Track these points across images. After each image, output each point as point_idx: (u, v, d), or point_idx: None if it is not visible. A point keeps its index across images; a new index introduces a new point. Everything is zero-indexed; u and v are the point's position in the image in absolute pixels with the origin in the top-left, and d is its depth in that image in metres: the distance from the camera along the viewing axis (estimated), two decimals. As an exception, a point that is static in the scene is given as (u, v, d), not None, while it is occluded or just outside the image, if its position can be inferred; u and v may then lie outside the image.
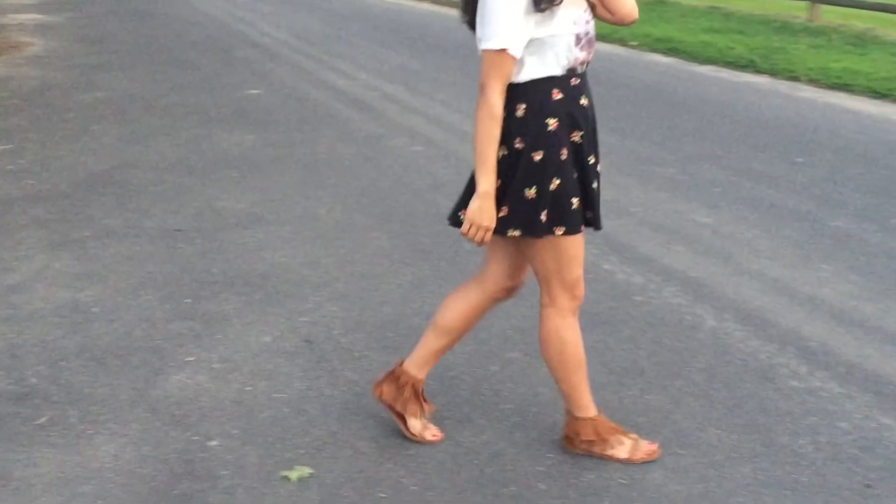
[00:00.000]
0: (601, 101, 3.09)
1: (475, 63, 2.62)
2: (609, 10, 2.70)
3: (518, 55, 2.51)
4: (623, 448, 2.86)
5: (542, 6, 2.47)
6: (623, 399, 3.23)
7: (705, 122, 7.38)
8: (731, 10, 13.38)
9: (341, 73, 9.73)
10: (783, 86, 8.80)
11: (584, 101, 2.65)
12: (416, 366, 2.97)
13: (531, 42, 2.52)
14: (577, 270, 2.75)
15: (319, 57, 10.77)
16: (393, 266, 4.46)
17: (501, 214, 2.62)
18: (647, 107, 7.98)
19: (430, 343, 2.95)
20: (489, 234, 2.60)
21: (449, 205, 2.85)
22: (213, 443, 2.96)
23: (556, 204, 2.61)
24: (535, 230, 2.62)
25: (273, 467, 2.82)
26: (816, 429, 3.03)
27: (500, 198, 2.61)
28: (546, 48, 2.54)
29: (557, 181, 2.60)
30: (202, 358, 3.53)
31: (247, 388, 3.30)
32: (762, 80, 9.09)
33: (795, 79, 8.93)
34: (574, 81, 2.62)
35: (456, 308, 2.92)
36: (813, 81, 8.76)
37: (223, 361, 3.50)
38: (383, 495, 2.69)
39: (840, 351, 3.55)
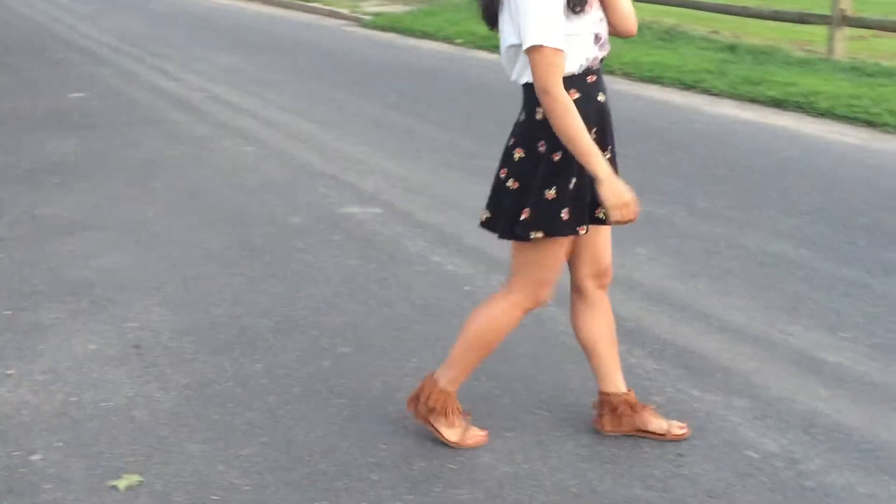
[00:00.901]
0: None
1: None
2: (612, 23, 2.72)
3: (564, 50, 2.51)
4: (453, 431, 2.92)
5: (577, 8, 2.53)
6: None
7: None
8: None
9: (166, 75, 9.51)
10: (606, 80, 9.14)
11: (600, 98, 2.69)
12: None
13: None
14: (556, 271, 2.80)
15: (143, 58, 10.50)
16: (224, 267, 4.42)
17: (524, 217, 2.64)
18: (477, 103, 8.16)
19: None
20: (634, 205, 2.60)
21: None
22: (36, 457, 2.88)
23: (576, 203, 2.65)
24: (556, 230, 2.65)
25: (100, 477, 2.77)
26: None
27: (522, 201, 2.64)
28: (567, 47, 2.54)
29: (575, 180, 2.63)
30: (24, 371, 3.42)
31: (72, 399, 3.22)
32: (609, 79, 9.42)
33: (611, 73, 9.28)
34: (591, 79, 2.65)
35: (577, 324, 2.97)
36: (627, 75, 9.16)
37: (46, 373, 3.40)
38: (216, 497, 2.69)
39: (654, 329, 3.77)
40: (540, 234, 2.66)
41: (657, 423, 2.96)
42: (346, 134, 7.03)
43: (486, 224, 2.83)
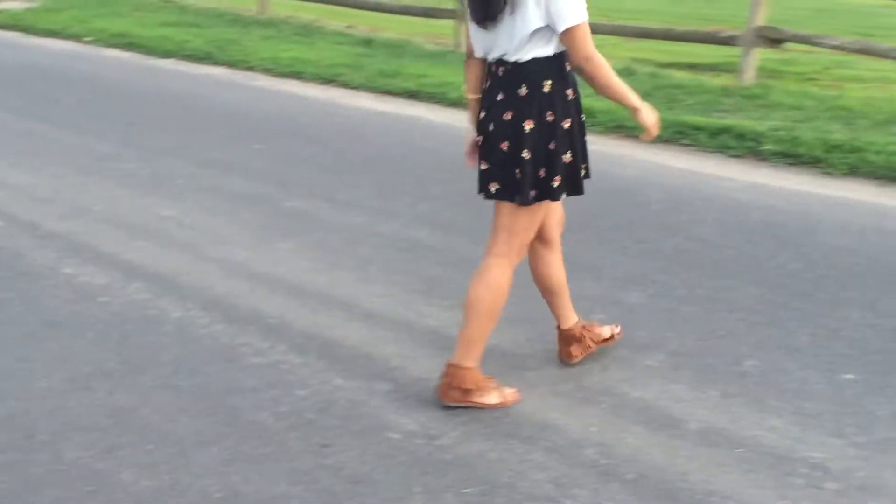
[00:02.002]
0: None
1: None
2: None
3: None
4: (491, 396, 3.13)
5: None
6: (92, 403, 3.15)
7: (167, 116, 7.37)
8: (185, 3, 13.46)
9: None
10: (240, 76, 9.06)
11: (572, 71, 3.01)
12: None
13: None
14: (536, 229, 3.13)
15: None
16: None
17: (556, 184, 2.97)
18: (108, 103, 7.78)
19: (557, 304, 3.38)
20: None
21: None
22: None
23: (573, 169, 3.02)
24: (579, 189, 3.04)
25: None
26: (278, 400, 3.20)
27: (551, 169, 2.95)
28: None
29: (570, 148, 2.99)
30: None
31: None
32: (220, 72, 9.28)
33: (251, 69, 9.24)
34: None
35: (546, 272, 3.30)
36: (267, 71, 9.13)
37: None
38: None
39: (298, 323, 3.78)
40: (564, 196, 3.04)
41: (606, 330, 3.51)
42: (-39, 142, 6.44)
43: (497, 195, 3.04)
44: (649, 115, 3.05)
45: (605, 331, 3.53)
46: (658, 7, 14.17)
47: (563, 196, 3.07)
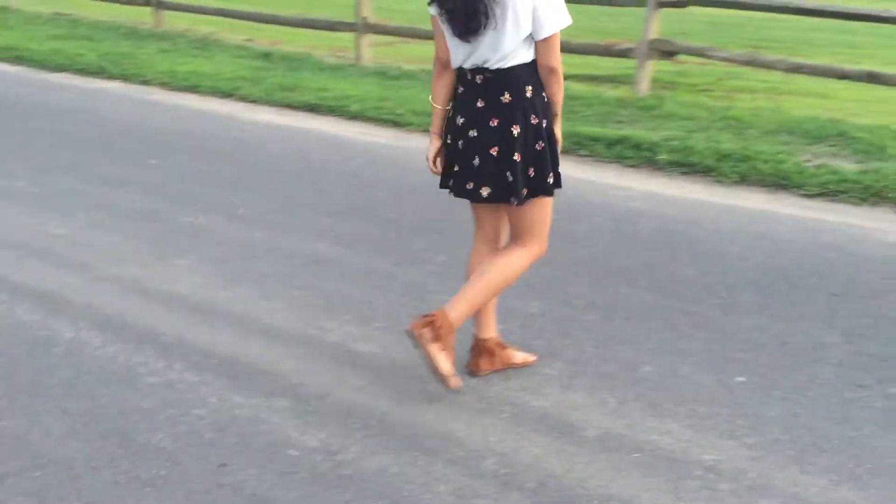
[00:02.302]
0: None
1: None
2: None
3: None
4: (446, 366, 3.11)
5: None
6: (-27, 431, 3.03)
7: (59, 131, 7.17)
8: (77, 16, 13.15)
9: None
10: (135, 90, 8.88)
11: None
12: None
13: None
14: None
15: None
16: None
17: (550, 180, 3.17)
18: (-6, 119, 7.55)
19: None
20: None
21: None
22: None
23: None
24: (560, 184, 3.22)
25: None
26: (175, 420, 3.13)
27: (542, 167, 3.13)
28: None
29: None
30: None
31: None
32: (115, 86, 9.08)
33: (147, 83, 9.07)
34: None
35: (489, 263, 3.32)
36: (163, 85, 8.97)
37: None
38: None
39: (195, 341, 3.70)
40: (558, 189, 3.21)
41: (519, 356, 3.52)
42: None
43: (489, 198, 3.19)
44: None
45: (518, 357, 3.53)
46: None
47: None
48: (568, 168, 6.27)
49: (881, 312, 4.03)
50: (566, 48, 10.16)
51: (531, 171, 3.15)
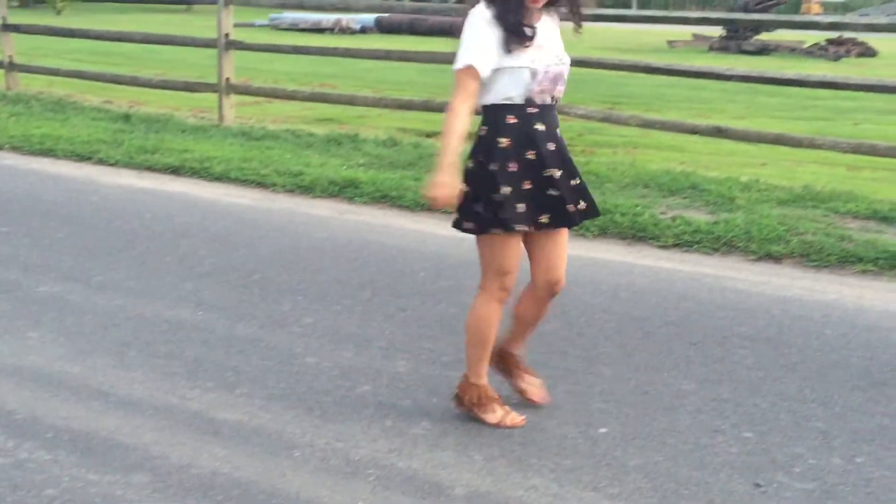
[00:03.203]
0: None
1: None
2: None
3: (483, 74, 3.12)
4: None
5: (510, 49, 3.11)
6: None
7: None
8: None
9: None
10: (-14, 155, 8.57)
11: (538, 127, 3.22)
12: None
13: (495, 71, 3.14)
14: (509, 263, 3.34)
15: None
16: None
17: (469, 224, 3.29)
18: None
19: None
20: (447, 190, 3.15)
21: None
22: None
23: (504, 207, 3.19)
24: (495, 226, 3.23)
25: None
26: (24, 502, 2.98)
27: (471, 204, 3.23)
28: (506, 78, 3.15)
29: (508, 189, 3.19)
30: None
31: None
32: (-36, 151, 8.74)
33: (-1, 148, 8.77)
34: (531, 110, 3.21)
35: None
36: (16, 149, 8.67)
37: None
38: None
39: (48, 417, 3.55)
40: (496, 230, 3.25)
41: (492, 417, 3.53)
42: None
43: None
44: (433, 181, 3.19)
45: (491, 417, 3.53)
46: (421, 79, 14.64)
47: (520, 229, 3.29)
48: (432, 225, 6.37)
49: (734, 359, 4.19)
50: (430, 107, 10.19)
51: (478, 207, 3.28)
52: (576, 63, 3.62)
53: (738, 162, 8.92)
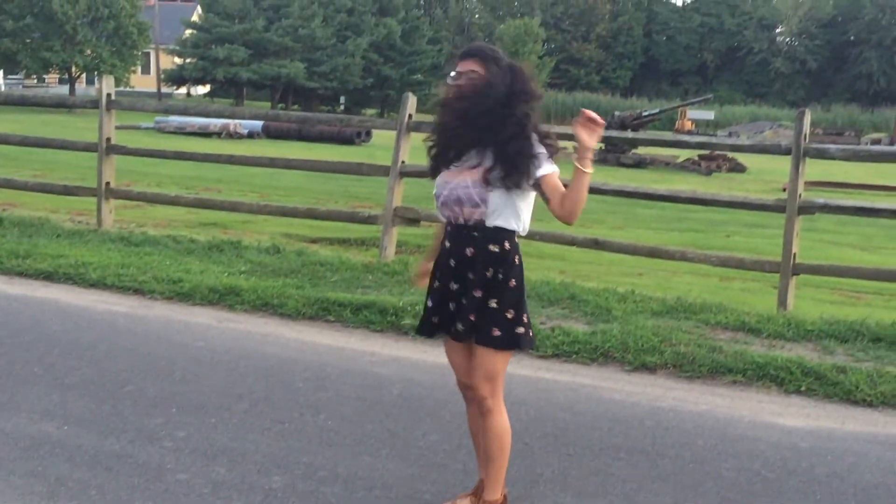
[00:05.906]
0: None
1: None
2: (561, 205, 3.69)
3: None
4: None
5: (431, 174, 3.61)
6: None
7: None
8: None
9: None
10: None
11: (447, 244, 3.57)
12: None
13: None
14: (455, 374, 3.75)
15: None
16: None
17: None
18: None
19: None
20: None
21: None
22: None
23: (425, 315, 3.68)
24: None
25: None
26: None
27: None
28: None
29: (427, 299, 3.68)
30: None
31: None
32: None
33: None
34: (448, 228, 3.57)
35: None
36: None
37: None
38: None
39: None
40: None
41: None
42: None
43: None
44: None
45: None
46: (308, 184, 14.70)
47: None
48: (313, 334, 6.32)
49: (610, 471, 4.23)
50: (314, 214, 10.21)
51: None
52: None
53: (617, 271, 9.18)
